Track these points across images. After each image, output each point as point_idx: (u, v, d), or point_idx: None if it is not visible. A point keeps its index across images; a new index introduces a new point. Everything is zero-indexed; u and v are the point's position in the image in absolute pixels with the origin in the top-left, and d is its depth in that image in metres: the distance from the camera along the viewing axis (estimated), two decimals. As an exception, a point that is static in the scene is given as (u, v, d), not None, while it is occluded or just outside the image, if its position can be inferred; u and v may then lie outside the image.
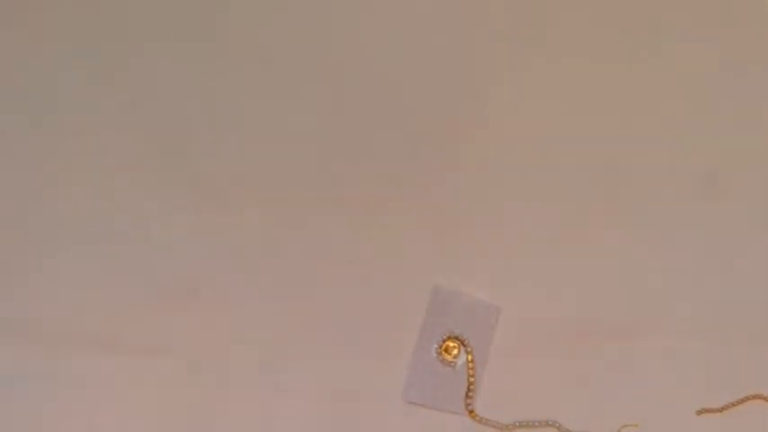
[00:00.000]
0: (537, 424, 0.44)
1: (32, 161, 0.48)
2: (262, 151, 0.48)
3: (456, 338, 0.45)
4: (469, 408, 0.44)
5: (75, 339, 0.46)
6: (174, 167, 0.48)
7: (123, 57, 0.49)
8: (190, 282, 0.46)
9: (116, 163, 0.48)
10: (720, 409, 0.44)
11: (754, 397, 0.44)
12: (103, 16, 0.49)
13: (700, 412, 0.44)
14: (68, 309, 0.46)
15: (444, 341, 0.45)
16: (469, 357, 0.44)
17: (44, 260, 0.47)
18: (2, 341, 0.46)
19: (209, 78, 0.48)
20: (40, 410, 0.45)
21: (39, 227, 0.47)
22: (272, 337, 0.45)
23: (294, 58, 0.48)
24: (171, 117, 0.48)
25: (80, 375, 0.45)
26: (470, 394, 0.44)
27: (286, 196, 0.47)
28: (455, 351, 0.45)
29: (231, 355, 0.45)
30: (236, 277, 0.46)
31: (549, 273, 0.46)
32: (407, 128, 0.48)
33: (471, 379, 0.44)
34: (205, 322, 0.46)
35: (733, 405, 0.44)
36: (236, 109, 0.48)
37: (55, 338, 0.46)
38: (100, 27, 0.49)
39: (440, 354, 0.45)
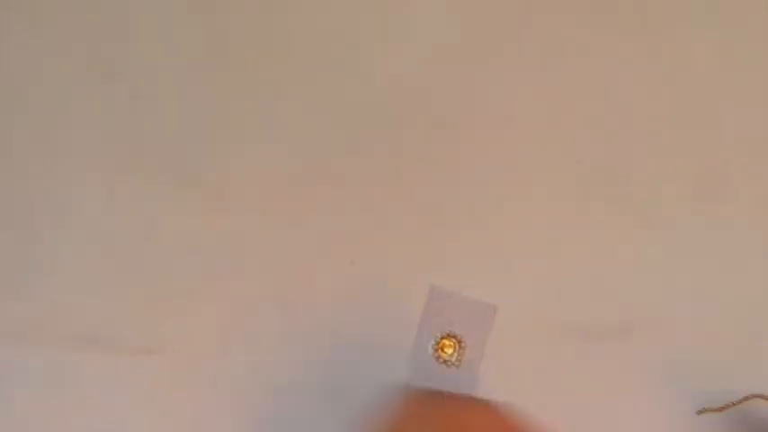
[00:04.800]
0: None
1: (32, 161, 0.48)
2: (262, 151, 0.48)
3: (452, 337, 0.45)
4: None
5: (75, 339, 0.46)
6: (174, 167, 0.48)
7: (123, 57, 0.49)
8: (190, 282, 0.46)
9: (116, 162, 0.48)
10: (720, 409, 0.44)
11: (755, 396, 0.44)
12: (103, 16, 0.49)
13: (700, 412, 0.44)
14: (68, 309, 0.46)
15: (440, 340, 0.45)
16: (460, 354, 0.45)
17: (44, 260, 0.47)
18: (2, 341, 0.46)
19: (210, 78, 0.48)
20: (39, 410, 0.45)
21: (38, 226, 0.47)
22: (272, 337, 0.45)
23: (294, 57, 0.49)
24: (171, 117, 0.48)
25: (80, 375, 0.45)
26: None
27: (286, 196, 0.47)
28: (450, 350, 0.45)
29: (231, 355, 0.45)
30: (236, 277, 0.46)
31: (548, 273, 0.46)
32: (407, 127, 0.48)
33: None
34: (205, 322, 0.46)
35: (733, 405, 0.44)
36: (237, 109, 0.48)
37: (55, 338, 0.46)
38: (100, 27, 0.49)
39: (435, 352, 0.45)
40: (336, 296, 0.46)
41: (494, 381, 0.45)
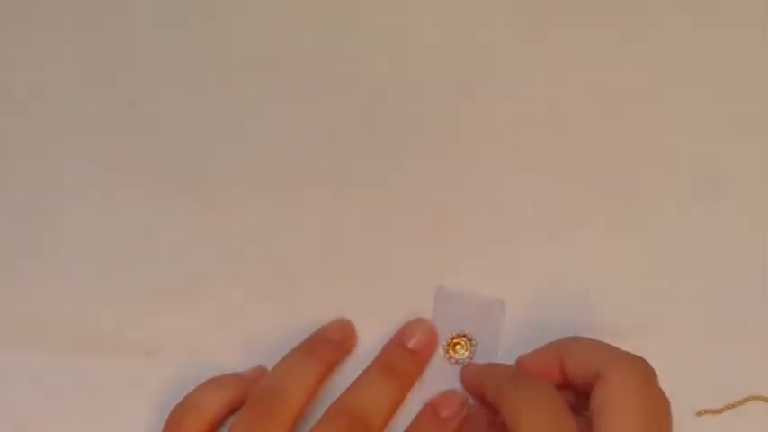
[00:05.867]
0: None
1: (32, 161, 0.48)
2: (262, 151, 0.48)
3: (464, 336, 0.45)
4: None
5: (74, 342, 0.46)
6: (173, 168, 0.47)
7: (123, 57, 0.49)
8: (189, 282, 0.46)
9: (116, 163, 0.48)
10: (720, 410, 0.44)
11: (754, 398, 0.44)
12: (103, 16, 0.49)
13: (699, 413, 0.44)
14: (66, 311, 0.46)
15: (451, 340, 0.45)
16: (473, 352, 0.45)
17: (44, 260, 0.46)
18: (1, 341, 0.46)
19: (211, 79, 0.48)
20: (39, 411, 0.45)
21: (38, 227, 0.47)
22: (274, 338, 0.45)
23: (294, 56, 0.49)
24: (171, 117, 0.48)
25: (78, 377, 0.45)
26: None
27: (287, 196, 0.47)
28: (462, 349, 0.45)
29: (231, 356, 0.45)
30: (237, 277, 0.46)
31: (549, 274, 0.46)
32: (409, 127, 0.48)
33: None
34: (203, 324, 0.46)
35: (733, 406, 0.44)
36: (236, 109, 0.48)
37: (55, 338, 0.46)
38: (101, 27, 0.49)
39: (447, 353, 0.45)
40: (338, 298, 0.46)
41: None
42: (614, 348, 0.39)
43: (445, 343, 0.45)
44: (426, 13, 0.49)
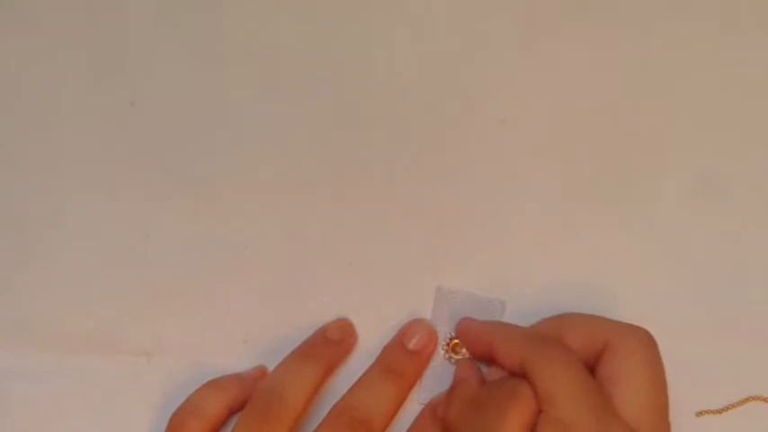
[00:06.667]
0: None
1: (32, 161, 0.48)
2: (262, 152, 0.48)
3: (463, 336, 0.45)
4: None
5: (74, 341, 0.46)
6: (173, 168, 0.47)
7: (123, 56, 0.49)
8: (188, 284, 0.46)
9: (116, 163, 0.48)
10: (720, 411, 0.44)
11: (754, 398, 0.44)
12: (103, 16, 0.49)
13: (700, 413, 0.44)
14: (66, 311, 0.46)
15: (451, 340, 0.45)
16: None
17: (44, 260, 0.46)
18: (1, 341, 0.46)
19: (210, 79, 0.48)
20: (39, 410, 0.45)
21: (38, 226, 0.47)
22: (274, 338, 0.45)
23: (295, 58, 0.48)
24: (171, 117, 0.48)
25: (78, 377, 0.45)
26: None
27: (286, 197, 0.47)
28: (462, 349, 0.45)
29: (231, 356, 0.45)
30: (237, 277, 0.46)
31: (548, 273, 0.46)
32: (409, 128, 0.48)
33: None
34: (204, 322, 0.46)
35: (733, 406, 0.44)
36: (237, 109, 0.48)
37: (55, 338, 0.46)
38: (100, 27, 0.49)
39: (447, 352, 0.45)
40: (338, 298, 0.46)
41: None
42: (615, 320, 0.41)
43: (445, 343, 0.45)
44: (427, 13, 0.49)
